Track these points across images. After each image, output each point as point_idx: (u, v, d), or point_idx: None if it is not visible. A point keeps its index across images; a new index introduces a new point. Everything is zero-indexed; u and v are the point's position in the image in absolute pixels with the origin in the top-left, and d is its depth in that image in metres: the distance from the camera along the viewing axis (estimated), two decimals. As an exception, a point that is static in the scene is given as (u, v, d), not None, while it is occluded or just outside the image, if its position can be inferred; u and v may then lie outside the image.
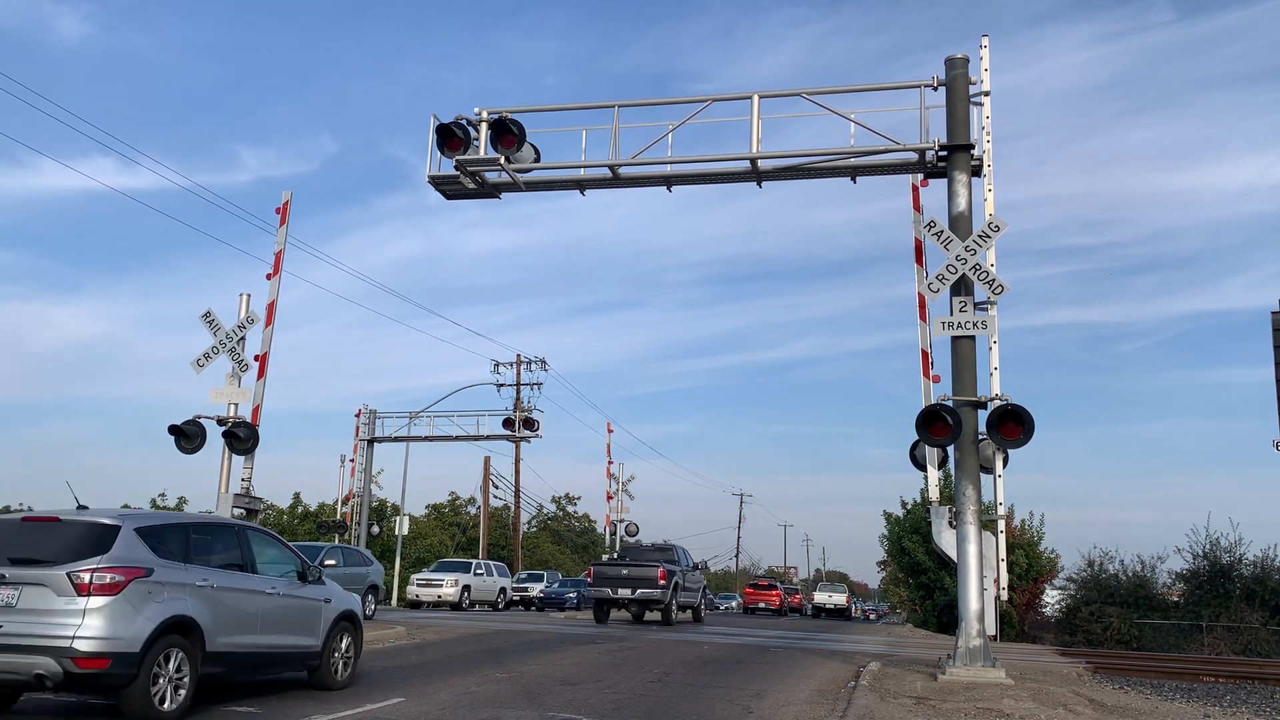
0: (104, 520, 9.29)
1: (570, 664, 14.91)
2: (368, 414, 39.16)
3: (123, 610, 8.74)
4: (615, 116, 16.21)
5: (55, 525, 9.36)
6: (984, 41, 14.74)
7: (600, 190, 17.35)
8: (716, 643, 20.76)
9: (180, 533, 9.97)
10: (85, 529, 9.21)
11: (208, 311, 18.30)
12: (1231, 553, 35.53)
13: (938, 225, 14.07)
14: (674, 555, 29.25)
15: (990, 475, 13.94)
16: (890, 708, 10.71)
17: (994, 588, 13.67)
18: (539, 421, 39.42)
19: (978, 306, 13.91)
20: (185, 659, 9.26)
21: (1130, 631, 34.53)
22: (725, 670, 14.99)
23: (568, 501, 73.01)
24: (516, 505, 51.69)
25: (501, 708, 10.33)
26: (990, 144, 14.57)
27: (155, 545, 9.41)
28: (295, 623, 11.06)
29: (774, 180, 16.37)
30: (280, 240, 18.83)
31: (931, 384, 14.60)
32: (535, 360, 44.93)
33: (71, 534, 9.18)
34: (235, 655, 10.07)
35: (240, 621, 10.12)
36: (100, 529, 9.16)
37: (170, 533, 9.80)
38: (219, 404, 18.10)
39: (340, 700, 10.54)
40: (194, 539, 10.09)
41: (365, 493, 39.32)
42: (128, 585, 8.83)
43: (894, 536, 48.73)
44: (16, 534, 9.35)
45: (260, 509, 19.29)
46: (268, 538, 11.55)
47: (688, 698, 11.64)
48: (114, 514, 9.55)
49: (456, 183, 16.87)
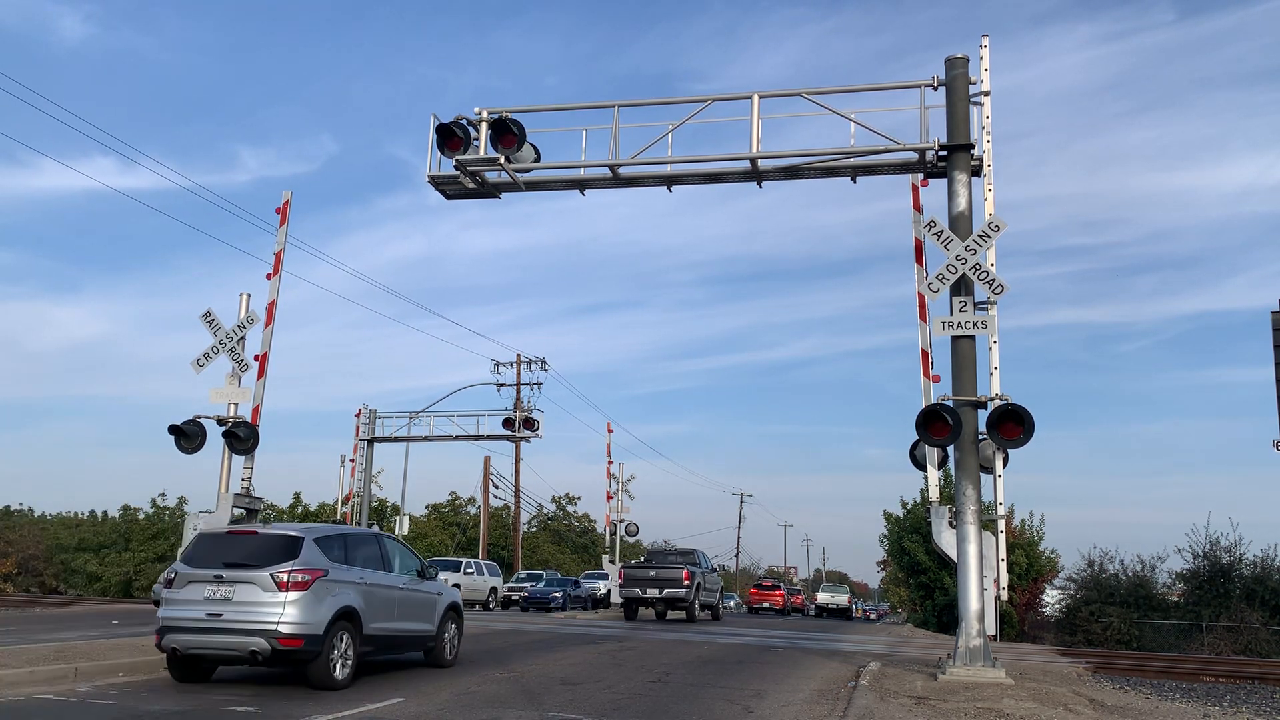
0: (290, 533, 11.82)
1: (570, 664, 14.91)
2: (368, 414, 39.16)
3: (310, 602, 11.16)
4: (615, 116, 16.20)
5: (254, 537, 11.93)
6: (984, 41, 14.73)
7: (600, 190, 17.35)
8: (717, 642, 20.75)
9: (341, 540, 12.43)
10: (278, 540, 11.68)
11: (208, 311, 18.28)
12: (1231, 553, 35.53)
13: (938, 225, 14.06)
14: (696, 559, 31.81)
15: (990, 475, 13.92)
16: (890, 708, 10.71)
17: (994, 588, 13.65)
18: (539, 421, 39.41)
19: (978, 306, 13.90)
20: (350, 640, 11.71)
21: (1130, 631, 34.52)
22: (725, 670, 14.99)
23: (568, 501, 72.99)
24: (516, 505, 51.69)
25: (501, 708, 10.32)
26: (990, 144, 14.56)
27: (327, 551, 11.86)
28: (418, 612, 13.62)
29: (774, 180, 16.36)
30: (280, 240, 18.81)
31: (931, 384, 14.58)
32: (535, 360, 44.94)
33: (268, 543, 11.64)
34: (381, 637, 12.54)
35: (384, 610, 12.61)
36: (288, 539, 11.65)
37: (335, 541, 12.25)
38: (219, 404, 18.08)
39: (340, 700, 10.55)
40: (350, 545, 12.53)
41: (365, 493, 39.32)
42: (314, 583, 11.26)
43: (894, 536, 48.69)
44: (227, 543, 11.79)
45: (260, 509, 19.27)
46: (396, 542, 14.03)
47: (688, 698, 11.64)
48: (297, 528, 12.10)
49: (456, 183, 16.86)
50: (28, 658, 12.17)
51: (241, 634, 10.98)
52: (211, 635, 11.10)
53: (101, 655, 13.08)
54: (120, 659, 12.77)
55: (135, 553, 55.34)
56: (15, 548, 49.09)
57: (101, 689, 10.93)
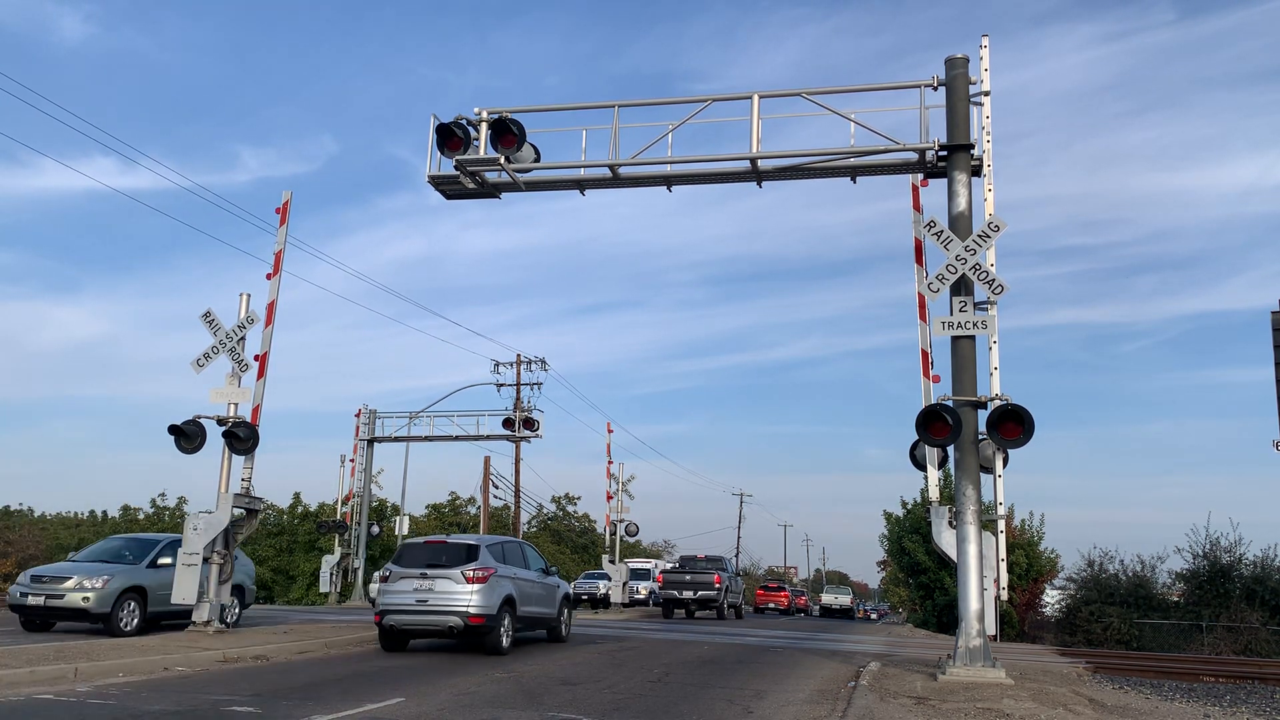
0: (470, 541, 16.49)
1: (570, 664, 14.91)
2: (368, 414, 39.13)
3: (487, 592, 15.71)
4: (615, 116, 16.20)
5: (445, 545, 16.42)
6: (984, 41, 14.73)
7: (600, 190, 17.35)
8: (717, 643, 20.75)
9: (500, 546, 17.08)
10: (462, 547, 16.26)
11: (208, 311, 18.29)
12: (1231, 553, 35.46)
13: (938, 225, 14.05)
14: (724, 565, 37.13)
15: (990, 475, 13.92)
16: (890, 708, 10.70)
17: (994, 588, 13.64)
18: (539, 421, 39.38)
19: (978, 306, 13.90)
20: (511, 619, 16.31)
21: (1130, 631, 34.47)
22: (725, 670, 14.99)
23: (568, 501, 72.85)
24: (516, 505, 51.64)
25: (501, 708, 10.32)
26: (990, 144, 14.56)
27: (493, 554, 16.42)
28: (546, 599, 18.23)
29: (774, 180, 16.36)
30: (280, 240, 18.81)
31: (931, 384, 14.57)
32: (535, 360, 44.87)
33: (455, 550, 16.20)
34: (526, 618, 17.23)
35: (527, 598, 17.22)
36: (470, 546, 16.25)
37: (496, 547, 16.89)
38: (219, 404, 18.08)
39: (341, 700, 10.54)
40: (505, 549, 17.18)
41: (365, 493, 39.30)
42: (489, 578, 15.79)
43: (894, 536, 48.68)
44: (426, 550, 16.41)
45: (260, 509, 19.27)
46: (530, 546, 18.78)
47: (688, 698, 11.63)
48: (473, 538, 16.78)
49: (456, 183, 16.86)
50: (28, 658, 12.17)
51: (442, 614, 15.53)
52: (420, 615, 15.72)
53: (101, 655, 13.08)
54: (120, 659, 12.78)
55: (135, 553, 55.34)
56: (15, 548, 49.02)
57: (101, 689, 10.93)
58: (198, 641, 15.57)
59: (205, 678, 12.28)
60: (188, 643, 15.32)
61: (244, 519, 18.61)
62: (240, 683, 11.86)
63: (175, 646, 14.69)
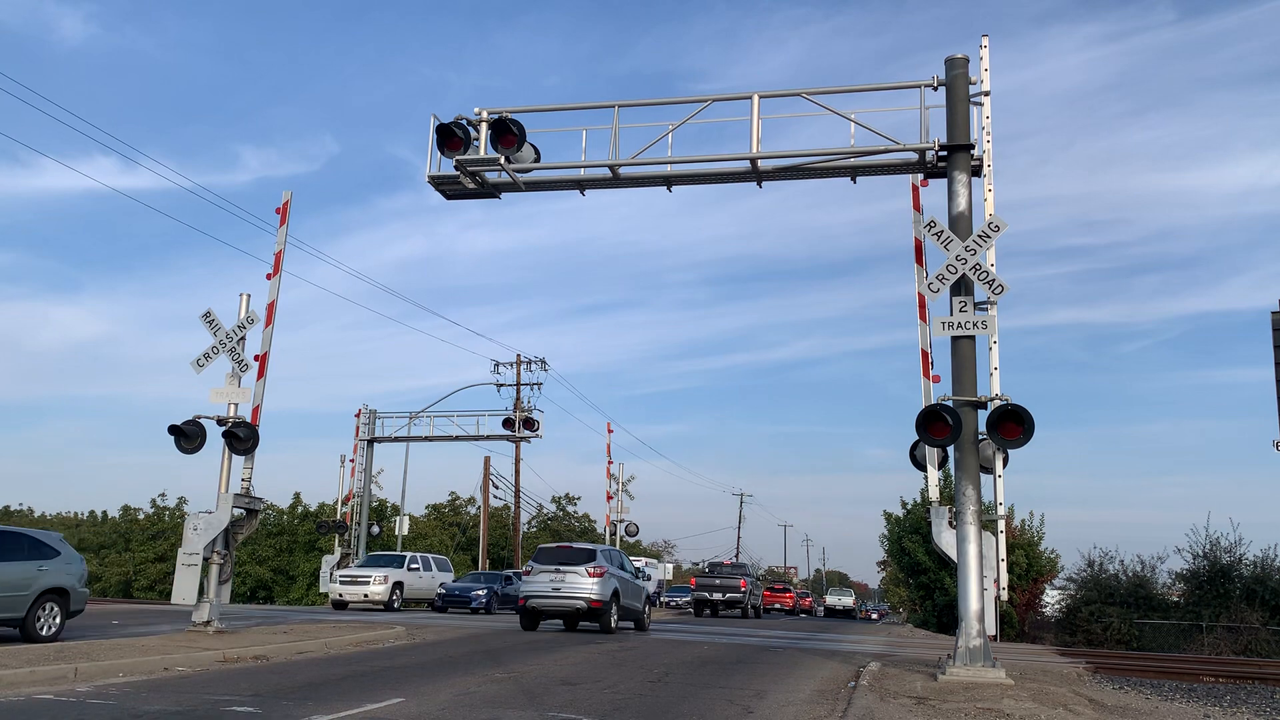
0: (589, 546, 22.84)
1: (570, 664, 14.90)
2: (368, 414, 39.14)
3: (602, 584, 21.28)
4: (615, 116, 16.20)
5: (571, 549, 22.72)
6: (984, 41, 14.73)
7: (600, 190, 17.35)
8: (717, 643, 20.77)
9: (609, 552, 22.76)
10: (584, 550, 22.37)
11: (208, 311, 18.29)
12: (1231, 553, 35.45)
13: (938, 225, 14.05)
14: (748, 570, 43.95)
15: (990, 475, 13.92)
16: (890, 708, 10.70)
17: (994, 588, 13.64)
18: (539, 421, 39.43)
19: (978, 306, 13.90)
20: (615, 606, 21.81)
21: (1130, 631, 34.46)
22: (725, 670, 14.99)
23: (568, 501, 72.85)
24: (516, 505, 51.64)
25: (501, 708, 10.31)
26: (990, 144, 14.56)
27: (606, 558, 21.99)
28: (636, 596, 23.70)
29: (774, 180, 16.36)
30: (280, 240, 18.82)
31: (931, 384, 14.57)
32: (535, 360, 44.92)
33: (579, 552, 22.26)
34: (624, 609, 22.62)
35: (625, 592, 22.60)
36: (588, 550, 22.28)
37: (607, 552, 22.57)
38: (219, 404, 18.09)
39: (340, 700, 10.54)
40: (611, 556, 22.69)
41: (365, 493, 39.30)
42: (604, 574, 21.38)
43: (894, 536, 48.65)
44: (557, 552, 22.28)
45: (260, 509, 19.27)
46: (622, 551, 24.94)
47: (688, 698, 11.63)
48: (590, 544, 23.57)
49: (456, 183, 16.86)
50: (28, 658, 12.17)
51: (571, 599, 21.16)
52: (554, 600, 21.36)
53: (101, 655, 13.08)
54: (120, 659, 12.78)
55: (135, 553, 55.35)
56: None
57: (101, 689, 10.93)
58: (198, 641, 15.57)
59: (205, 678, 12.28)
60: (188, 643, 15.33)
61: (244, 519, 18.62)
62: (240, 683, 11.86)
63: (175, 646, 14.69)
